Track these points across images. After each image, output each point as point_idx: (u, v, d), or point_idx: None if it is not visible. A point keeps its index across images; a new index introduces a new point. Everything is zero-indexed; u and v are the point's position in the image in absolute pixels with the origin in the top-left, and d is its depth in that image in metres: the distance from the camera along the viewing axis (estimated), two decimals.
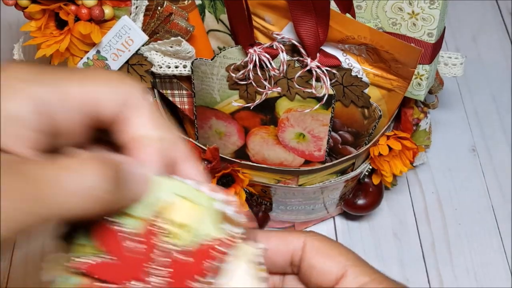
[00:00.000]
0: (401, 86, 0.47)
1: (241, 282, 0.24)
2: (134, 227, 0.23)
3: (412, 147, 0.53)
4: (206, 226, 0.23)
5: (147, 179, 0.23)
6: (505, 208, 0.65)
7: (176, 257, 0.23)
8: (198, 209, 0.24)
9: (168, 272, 0.23)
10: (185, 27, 0.48)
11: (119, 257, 0.23)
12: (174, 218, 0.23)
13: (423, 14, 0.46)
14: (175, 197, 0.23)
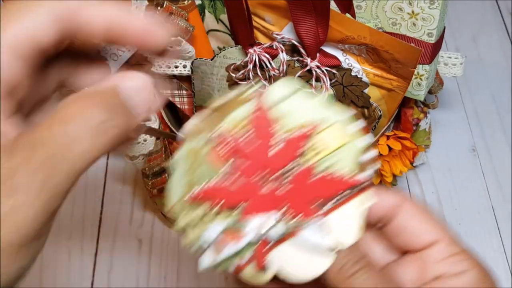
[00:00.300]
0: (401, 86, 0.47)
1: (347, 220, 0.26)
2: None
3: (412, 147, 0.53)
4: (346, 159, 0.25)
5: (145, 87, 0.23)
6: (505, 208, 0.65)
7: (306, 172, 0.25)
8: (345, 138, 0.26)
9: (291, 181, 0.25)
10: (185, 27, 0.48)
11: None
12: (326, 140, 0.25)
13: (423, 14, 0.46)
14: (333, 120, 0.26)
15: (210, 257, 0.26)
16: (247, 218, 0.25)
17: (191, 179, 0.26)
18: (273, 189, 0.26)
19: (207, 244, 0.25)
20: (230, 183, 0.26)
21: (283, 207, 0.26)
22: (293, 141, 0.25)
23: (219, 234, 0.25)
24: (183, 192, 0.26)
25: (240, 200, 0.26)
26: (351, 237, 0.26)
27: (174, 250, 0.61)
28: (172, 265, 0.61)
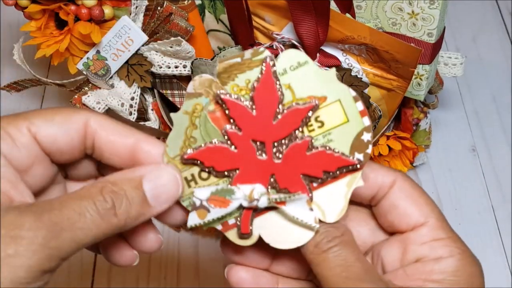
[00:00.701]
0: (401, 86, 0.47)
1: (332, 198, 0.27)
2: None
3: (412, 147, 0.53)
4: (344, 138, 0.26)
5: (172, 183, 0.25)
6: (505, 208, 0.65)
7: (303, 144, 0.26)
8: (346, 117, 0.26)
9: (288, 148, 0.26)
10: (185, 27, 0.48)
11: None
12: (327, 117, 0.26)
13: (423, 14, 0.46)
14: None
15: (198, 217, 0.26)
16: (237, 185, 0.26)
17: (189, 137, 0.26)
18: (267, 159, 0.26)
19: (198, 202, 0.26)
20: (227, 148, 0.26)
21: (274, 177, 0.26)
22: (297, 112, 0.26)
23: (208, 197, 0.26)
24: (179, 149, 0.26)
25: (233, 166, 0.26)
26: (333, 215, 0.27)
27: (174, 250, 0.61)
28: (172, 265, 0.60)
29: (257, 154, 0.26)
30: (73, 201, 0.22)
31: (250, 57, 0.26)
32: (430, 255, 0.27)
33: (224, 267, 0.64)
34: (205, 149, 0.26)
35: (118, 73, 0.51)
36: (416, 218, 0.27)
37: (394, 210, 0.28)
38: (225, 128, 0.26)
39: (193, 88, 0.26)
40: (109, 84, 0.51)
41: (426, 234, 0.27)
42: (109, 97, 0.50)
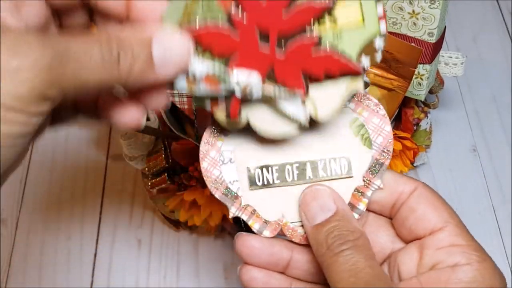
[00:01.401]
0: (402, 85, 0.47)
1: (327, 98, 0.25)
2: None
3: (413, 147, 0.53)
4: (355, 40, 0.24)
5: (181, 50, 0.23)
6: (506, 208, 0.65)
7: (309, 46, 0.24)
8: (363, 19, 0.24)
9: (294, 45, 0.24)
10: None
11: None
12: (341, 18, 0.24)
13: (423, 13, 0.46)
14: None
15: (185, 85, 0.24)
16: (233, 70, 0.24)
17: (188, 12, 0.24)
18: (269, 51, 0.24)
19: (192, 73, 0.24)
20: (228, 34, 0.24)
21: (273, 70, 0.25)
22: (310, 10, 0.24)
23: (203, 75, 0.24)
24: (177, 21, 0.24)
25: (231, 51, 0.24)
26: (325, 113, 0.26)
27: (173, 250, 0.61)
28: (172, 265, 0.60)
29: (259, 46, 0.24)
30: (79, 38, 0.21)
31: None
32: (446, 261, 0.26)
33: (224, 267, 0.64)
34: (204, 31, 0.24)
35: None
36: (434, 223, 0.27)
37: (412, 214, 0.27)
38: (230, 11, 0.24)
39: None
40: None
41: (443, 239, 0.26)
42: None
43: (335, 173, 0.28)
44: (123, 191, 0.66)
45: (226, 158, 0.28)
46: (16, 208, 0.64)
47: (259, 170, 0.28)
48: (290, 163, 0.29)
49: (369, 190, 0.28)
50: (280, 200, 0.28)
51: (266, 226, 0.28)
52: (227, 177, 0.28)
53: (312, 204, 0.27)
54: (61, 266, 0.61)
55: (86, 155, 0.68)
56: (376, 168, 0.28)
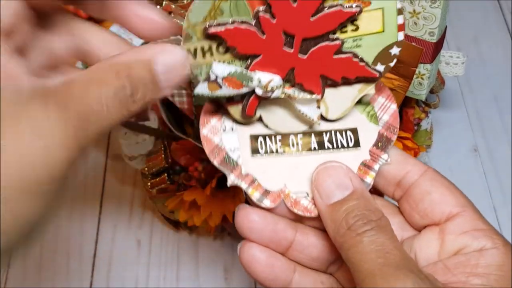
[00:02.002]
0: (402, 85, 0.47)
1: (340, 99, 0.27)
2: None
3: (413, 147, 0.52)
4: (373, 47, 0.25)
5: (180, 64, 0.24)
6: (507, 209, 0.65)
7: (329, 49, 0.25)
8: (383, 26, 0.25)
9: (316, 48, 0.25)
10: None
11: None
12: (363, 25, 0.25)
13: (424, 13, 0.45)
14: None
15: (208, 88, 0.25)
16: (256, 73, 0.25)
17: (216, 8, 0.24)
18: (293, 52, 0.25)
19: (213, 77, 0.25)
20: (254, 32, 0.24)
21: (293, 71, 0.25)
22: (339, 14, 0.24)
23: (225, 76, 0.25)
24: (202, 17, 0.24)
25: (256, 52, 0.25)
26: (336, 113, 0.27)
27: (173, 251, 0.61)
28: (172, 266, 0.60)
29: (283, 46, 0.25)
30: (92, 87, 0.21)
31: None
32: (472, 245, 0.25)
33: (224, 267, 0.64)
34: (232, 28, 0.24)
35: None
36: (451, 207, 0.26)
37: (427, 196, 0.26)
38: (258, 10, 0.24)
39: None
40: None
41: (465, 223, 0.25)
42: None
43: (341, 144, 0.28)
44: (122, 191, 0.65)
45: (228, 127, 0.28)
46: None
47: (261, 139, 0.28)
48: (294, 133, 0.28)
49: (376, 164, 0.27)
50: (283, 170, 0.27)
51: (267, 195, 0.27)
52: (228, 145, 0.27)
53: (328, 182, 0.26)
54: (60, 267, 0.61)
55: (85, 155, 0.68)
56: (383, 142, 0.28)
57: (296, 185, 0.27)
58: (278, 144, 0.28)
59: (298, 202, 0.27)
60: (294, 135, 0.28)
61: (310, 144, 0.28)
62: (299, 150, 0.28)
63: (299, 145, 0.28)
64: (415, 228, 0.28)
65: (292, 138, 0.28)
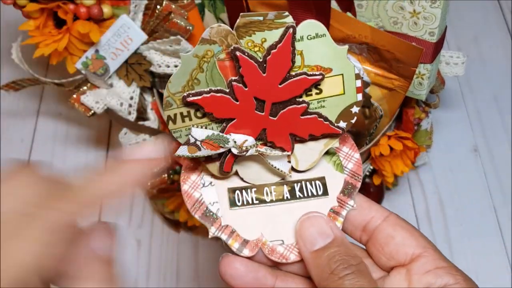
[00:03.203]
0: (403, 85, 0.47)
1: (308, 153, 0.30)
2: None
3: (414, 147, 0.52)
4: (335, 107, 0.28)
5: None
6: (507, 209, 0.65)
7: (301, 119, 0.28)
8: (343, 89, 0.28)
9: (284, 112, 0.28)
10: (184, 26, 0.48)
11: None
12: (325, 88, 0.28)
13: (424, 13, 0.45)
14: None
15: (188, 151, 0.28)
16: (231, 135, 0.28)
17: (193, 78, 0.27)
18: (264, 115, 0.28)
19: (193, 140, 0.27)
20: (229, 98, 0.27)
21: (265, 131, 0.28)
22: (304, 81, 0.27)
23: (203, 139, 0.27)
24: (181, 87, 0.27)
25: (231, 116, 0.28)
26: (305, 165, 0.30)
27: (173, 251, 0.61)
28: (171, 266, 0.60)
29: (255, 110, 0.28)
30: None
31: (272, 18, 0.26)
32: (436, 283, 0.27)
33: None
34: (209, 96, 0.27)
35: (117, 72, 0.50)
36: (414, 248, 0.28)
37: (391, 240, 0.29)
38: (231, 80, 0.27)
39: (208, 35, 0.27)
40: (108, 83, 0.51)
41: (428, 263, 0.28)
42: (108, 97, 0.50)
43: (311, 193, 0.30)
44: None
45: (207, 181, 0.30)
46: None
47: (238, 192, 0.30)
48: (268, 184, 0.30)
49: (344, 210, 0.30)
50: (259, 220, 0.30)
51: (246, 245, 0.29)
52: (207, 199, 0.30)
53: (310, 230, 0.28)
54: None
55: (85, 155, 0.68)
56: (349, 190, 0.30)
57: (272, 233, 0.30)
58: (253, 195, 0.30)
59: (274, 249, 0.29)
60: (268, 187, 0.30)
61: (283, 194, 0.30)
62: (273, 200, 0.30)
63: (273, 196, 0.30)
64: (384, 269, 0.30)
65: (266, 190, 0.30)
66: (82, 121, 0.70)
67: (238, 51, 0.26)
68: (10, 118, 0.71)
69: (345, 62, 0.28)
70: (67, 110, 0.71)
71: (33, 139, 0.69)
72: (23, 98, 0.72)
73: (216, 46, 0.27)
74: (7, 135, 0.69)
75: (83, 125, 0.70)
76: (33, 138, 0.69)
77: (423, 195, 0.66)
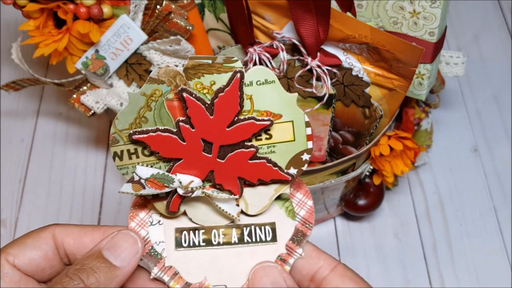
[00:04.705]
0: (402, 85, 0.47)
1: (258, 199, 0.29)
2: None
3: (414, 147, 0.52)
4: (285, 154, 0.28)
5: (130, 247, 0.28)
6: (507, 209, 0.65)
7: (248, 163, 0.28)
8: (294, 136, 0.28)
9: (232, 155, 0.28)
10: (184, 26, 0.48)
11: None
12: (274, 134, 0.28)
13: (424, 13, 0.45)
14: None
15: (132, 189, 0.28)
16: (177, 175, 0.28)
17: (141, 116, 0.27)
18: (212, 157, 0.28)
19: (137, 178, 0.27)
20: (175, 138, 0.27)
21: (213, 173, 0.28)
22: (252, 125, 0.27)
23: (148, 178, 0.27)
24: (128, 124, 0.27)
25: (177, 156, 0.28)
26: (255, 210, 0.29)
27: None
28: None
29: (203, 151, 0.28)
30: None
31: (221, 62, 0.27)
32: None
33: None
34: (155, 135, 0.27)
35: (117, 72, 0.50)
36: None
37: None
38: (179, 120, 0.27)
39: (156, 75, 0.27)
40: (108, 83, 0.51)
41: None
42: (108, 97, 0.50)
43: (259, 239, 0.30)
44: None
45: (155, 220, 0.30)
46: (15, 208, 0.64)
47: (186, 232, 0.30)
48: (217, 227, 0.30)
49: (291, 258, 0.29)
50: (204, 263, 0.30)
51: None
52: (154, 238, 0.30)
53: (264, 280, 0.28)
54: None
55: (85, 154, 0.68)
56: (299, 237, 0.30)
57: (216, 277, 0.30)
58: (201, 237, 0.30)
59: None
60: (217, 229, 0.30)
61: (231, 238, 0.30)
62: (220, 243, 0.30)
63: (220, 239, 0.30)
64: None
65: (214, 232, 0.30)
66: (82, 121, 0.70)
67: (186, 92, 0.26)
68: (10, 118, 0.71)
69: (295, 109, 0.28)
70: (67, 110, 0.71)
71: (33, 139, 0.69)
72: (23, 98, 0.72)
73: (164, 86, 0.27)
74: (7, 135, 0.69)
75: (83, 125, 0.70)
76: (33, 138, 0.69)
77: (423, 195, 0.66)
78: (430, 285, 0.60)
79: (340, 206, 0.61)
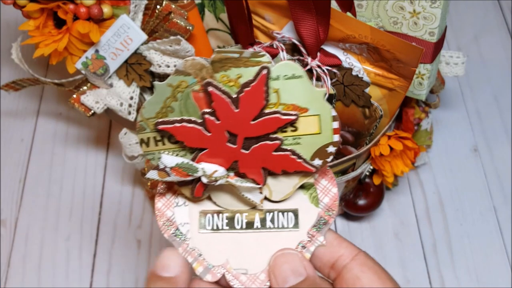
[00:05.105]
0: (402, 85, 0.47)
1: (281, 187, 0.30)
2: None
3: (414, 147, 0.52)
4: (310, 146, 0.28)
5: None
6: (507, 209, 0.65)
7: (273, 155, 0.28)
8: (320, 129, 0.28)
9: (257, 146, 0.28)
10: (184, 26, 0.48)
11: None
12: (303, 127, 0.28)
13: (424, 13, 0.45)
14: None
15: (158, 175, 0.28)
16: (201, 163, 0.28)
17: (167, 106, 0.28)
18: (236, 148, 0.28)
19: (162, 166, 0.28)
20: (200, 130, 0.27)
21: (237, 163, 0.28)
22: (277, 120, 0.27)
23: (173, 166, 0.28)
24: (155, 113, 0.28)
25: (202, 146, 0.28)
26: (279, 196, 0.30)
27: None
28: None
29: (227, 142, 0.28)
30: None
31: (249, 56, 0.27)
32: None
33: None
34: (180, 126, 0.27)
35: (117, 72, 0.50)
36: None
37: (357, 281, 0.28)
38: (204, 112, 0.27)
39: (183, 67, 0.27)
40: (108, 83, 0.51)
41: None
42: (108, 97, 0.50)
43: (281, 225, 0.30)
44: (122, 191, 0.65)
45: (181, 201, 0.30)
46: (15, 208, 0.64)
47: (210, 215, 0.30)
48: (240, 211, 0.30)
49: (312, 245, 0.30)
50: (227, 246, 0.30)
51: (209, 270, 0.29)
52: (179, 219, 0.30)
53: (284, 267, 0.28)
54: (60, 267, 0.61)
55: (85, 154, 0.68)
56: (321, 225, 0.30)
57: (237, 261, 0.30)
58: (224, 221, 0.30)
59: (238, 277, 0.30)
60: (240, 213, 0.30)
61: (254, 223, 0.30)
62: (243, 228, 0.30)
63: (243, 223, 0.30)
64: None
65: (237, 216, 0.30)
66: (82, 121, 0.70)
67: (211, 86, 0.26)
68: (10, 118, 0.71)
69: (322, 103, 0.28)
70: (67, 110, 0.71)
71: (33, 139, 0.69)
72: (23, 98, 0.72)
73: (190, 78, 0.27)
74: (7, 135, 0.69)
75: (83, 125, 0.70)
76: (33, 138, 0.69)
77: (423, 195, 0.66)
78: (430, 285, 0.60)
79: (340, 206, 0.61)
